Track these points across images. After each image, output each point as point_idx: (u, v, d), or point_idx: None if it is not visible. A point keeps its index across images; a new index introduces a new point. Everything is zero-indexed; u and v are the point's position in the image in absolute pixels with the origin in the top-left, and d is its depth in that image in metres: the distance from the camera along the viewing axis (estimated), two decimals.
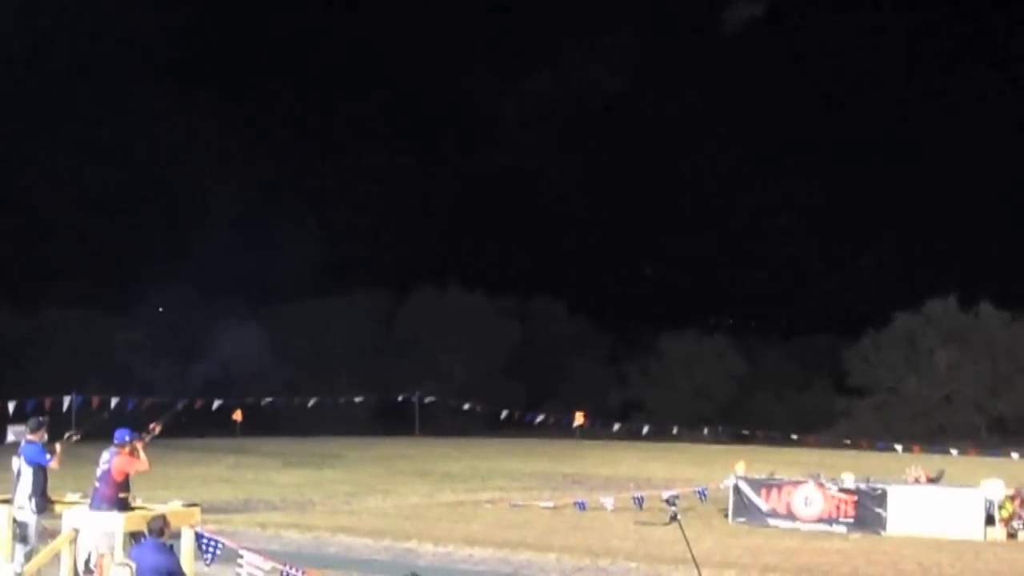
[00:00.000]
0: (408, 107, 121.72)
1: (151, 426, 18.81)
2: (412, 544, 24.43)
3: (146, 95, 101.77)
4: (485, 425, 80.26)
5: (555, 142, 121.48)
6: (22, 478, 18.56)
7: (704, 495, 30.58)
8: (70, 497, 19.46)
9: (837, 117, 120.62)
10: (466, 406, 76.14)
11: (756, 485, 28.89)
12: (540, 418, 75.89)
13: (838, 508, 27.44)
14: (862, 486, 27.54)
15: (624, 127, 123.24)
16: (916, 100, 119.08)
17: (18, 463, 18.71)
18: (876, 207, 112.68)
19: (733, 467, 30.00)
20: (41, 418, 19.77)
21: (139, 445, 18.04)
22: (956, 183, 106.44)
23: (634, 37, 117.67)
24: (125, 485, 17.85)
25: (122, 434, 18.18)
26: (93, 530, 17.61)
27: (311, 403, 75.59)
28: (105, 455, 17.92)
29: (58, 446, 18.90)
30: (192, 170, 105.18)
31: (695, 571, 15.49)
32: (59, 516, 19.24)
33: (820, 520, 27.63)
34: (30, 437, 18.93)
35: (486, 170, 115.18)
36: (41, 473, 18.58)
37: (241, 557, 16.81)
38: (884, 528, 26.53)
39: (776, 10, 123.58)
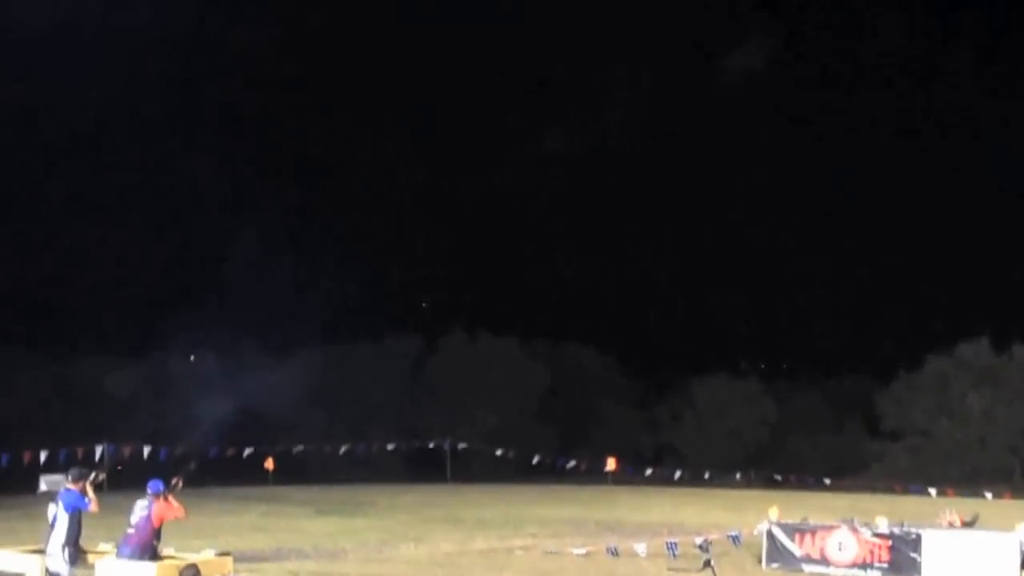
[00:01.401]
0: (439, 156, 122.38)
1: (174, 481, 18.90)
2: None
3: (174, 146, 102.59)
4: (517, 471, 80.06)
5: (580, 189, 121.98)
6: (57, 526, 18.64)
7: (738, 540, 30.40)
8: (102, 547, 19.53)
9: (867, 158, 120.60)
10: (498, 452, 75.99)
11: (790, 530, 28.71)
12: (572, 463, 75.76)
13: (872, 553, 27.21)
14: (896, 531, 27.33)
15: (648, 171, 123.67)
16: (948, 141, 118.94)
17: (54, 510, 18.80)
18: (907, 249, 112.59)
19: (766, 512, 29.80)
20: (83, 468, 19.92)
21: (170, 497, 18.17)
22: (988, 224, 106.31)
23: (648, 75, 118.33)
24: (158, 534, 17.94)
25: (157, 485, 18.31)
26: None
27: (342, 450, 75.58)
28: (142, 503, 18.00)
29: (89, 489, 19.00)
30: (220, 217, 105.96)
31: None
32: (92, 566, 19.28)
33: (855, 566, 27.42)
34: (70, 486, 19.04)
35: (517, 216, 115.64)
36: (77, 521, 18.67)
37: None
38: (919, 573, 26.30)
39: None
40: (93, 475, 20.09)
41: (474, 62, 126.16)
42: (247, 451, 67.42)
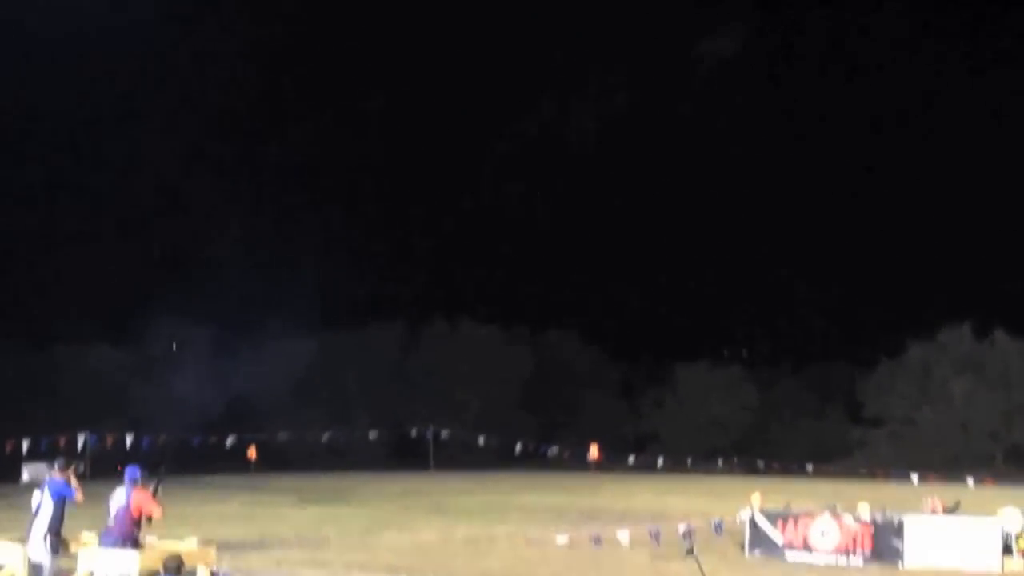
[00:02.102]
0: (419, 146, 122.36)
1: (152, 486, 18.81)
2: None
3: (154, 136, 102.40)
4: (499, 459, 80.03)
5: (564, 176, 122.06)
6: (41, 513, 18.61)
7: (720, 528, 30.41)
8: (85, 536, 19.48)
9: (853, 144, 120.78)
10: (481, 440, 75.99)
11: (772, 517, 28.73)
12: (554, 451, 75.79)
13: (855, 540, 27.24)
14: (878, 517, 27.37)
15: (630, 158, 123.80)
16: (931, 127, 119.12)
17: (39, 498, 18.78)
18: (889, 236, 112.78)
19: (748, 499, 29.82)
20: (68, 458, 19.95)
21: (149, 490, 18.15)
22: (970, 211, 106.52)
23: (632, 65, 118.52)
24: (139, 523, 17.90)
25: (133, 471, 18.30)
26: (109, 570, 17.61)
27: (325, 438, 75.56)
28: (120, 492, 17.96)
29: (73, 479, 18.99)
30: (203, 207, 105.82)
31: None
32: (73, 556, 19.23)
33: (837, 552, 27.44)
34: (56, 475, 19.04)
35: (498, 203, 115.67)
36: (61, 509, 18.66)
37: None
38: (901, 560, 26.34)
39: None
40: (74, 465, 20.10)
41: (452, 54, 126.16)
42: (230, 440, 67.31)
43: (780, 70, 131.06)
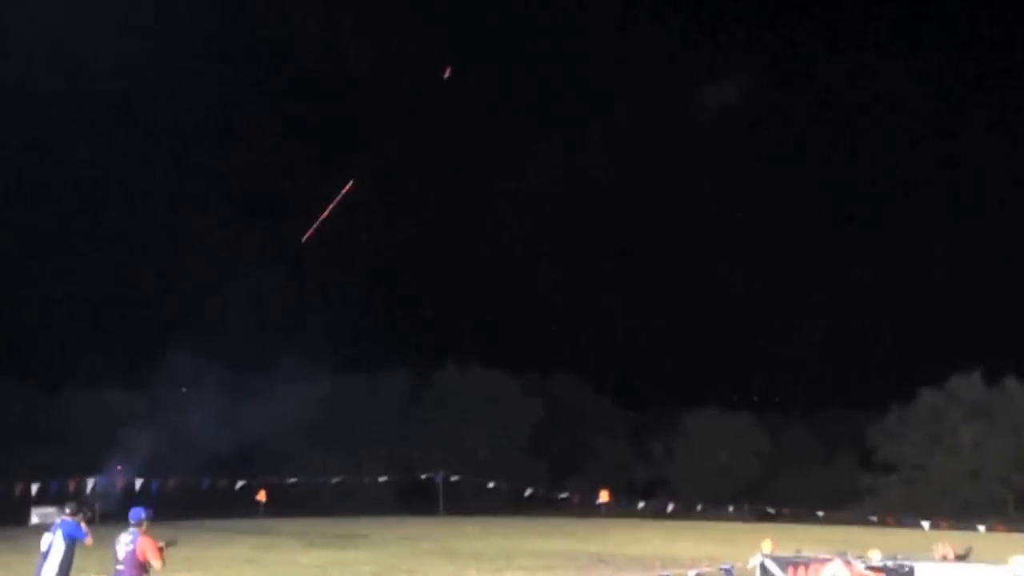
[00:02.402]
0: (429, 190, 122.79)
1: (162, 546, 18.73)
2: None
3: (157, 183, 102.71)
4: (509, 503, 79.94)
5: (572, 223, 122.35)
6: (52, 555, 18.66)
7: (731, 573, 30.34)
8: None
9: (865, 189, 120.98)
10: (490, 484, 75.87)
11: (783, 563, 28.65)
12: (564, 496, 75.72)
13: None
14: (889, 564, 27.28)
15: (639, 206, 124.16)
16: (938, 171, 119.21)
17: (50, 540, 18.83)
18: (899, 282, 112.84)
19: (759, 545, 29.76)
20: (80, 504, 20.02)
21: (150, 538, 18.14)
22: (979, 257, 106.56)
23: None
24: (147, 565, 17.91)
25: (137, 513, 18.32)
26: None
27: (335, 482, 75.48)
28: (126, 536, 17.98)
29: (83, 524, 19.04)
30: (214, 250, 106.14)
31: None
32: None
33: None
34: (67, 517, 19.09)
35: (508, 250, 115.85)
36: (71, 551, 18.69)
37: None
38: None
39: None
40: (84, 511, 20.17)
41: (460, 98, 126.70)
42: (240, 483, 67.31)
43: (785, 115, 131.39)
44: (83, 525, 18.98)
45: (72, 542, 18.69)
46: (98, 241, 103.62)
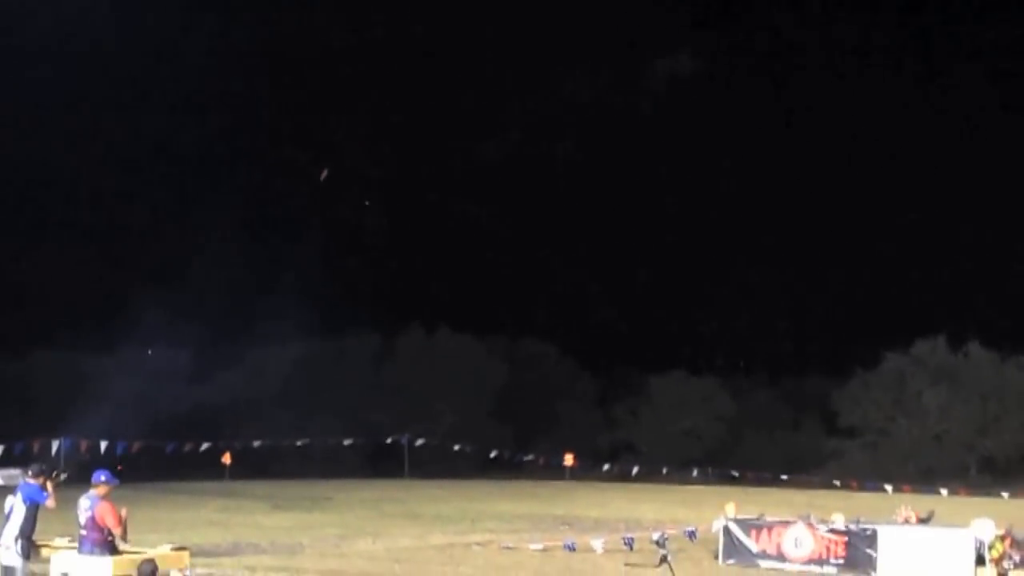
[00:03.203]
0: (394, 155, 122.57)
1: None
2: None
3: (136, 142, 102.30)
4: (474, 466, 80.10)
5: (536, 187, 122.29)
6: (13, 517, 18.54)
7: (694, 536, 30.47)
8: (58, 541, 19.42)
9: (826, 157, 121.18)
10: (456, 448, 75.97)
11: (746, 526, 28.78)
12: (530, 459, 75.89)
13: (828, 549, 27.30)
14: (852, 527, 27.43)
15: (604, 169, 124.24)
16: (906, 139, 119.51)
17: (12, 501, 18.70)
18: (864, 247, 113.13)
19: (723, 508, 29.87)
20: (43, 465, 19.85)
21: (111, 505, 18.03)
22: (944, 222, 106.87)
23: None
24: (109, 531, 17.82)
25: (97, 474, 18.22)
26: (82, 575, 17.58)
27: (300, 445, 75.47)
28: (85, 502, 17.90)
29: (49, 485, 18.91)
30: (179, 212, 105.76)
31: None
32: (47, 561, 19.18)
33: (810, 561, 27.50)
34: (30, 479, 18.97)
35: (474, 213, 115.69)
36: (33, 514, 18.57)
37: None
38: (874, 569, 26.41)
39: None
40: (55, 473, 20.05)
41: (429, 64, 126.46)
42: (204, 446, 67.23)
43: (745, 84, 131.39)
44: (49, 487, 18.87)
45: (33, 505, 18.58)
46: (64, 203, 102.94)
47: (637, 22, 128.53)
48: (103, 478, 18.13)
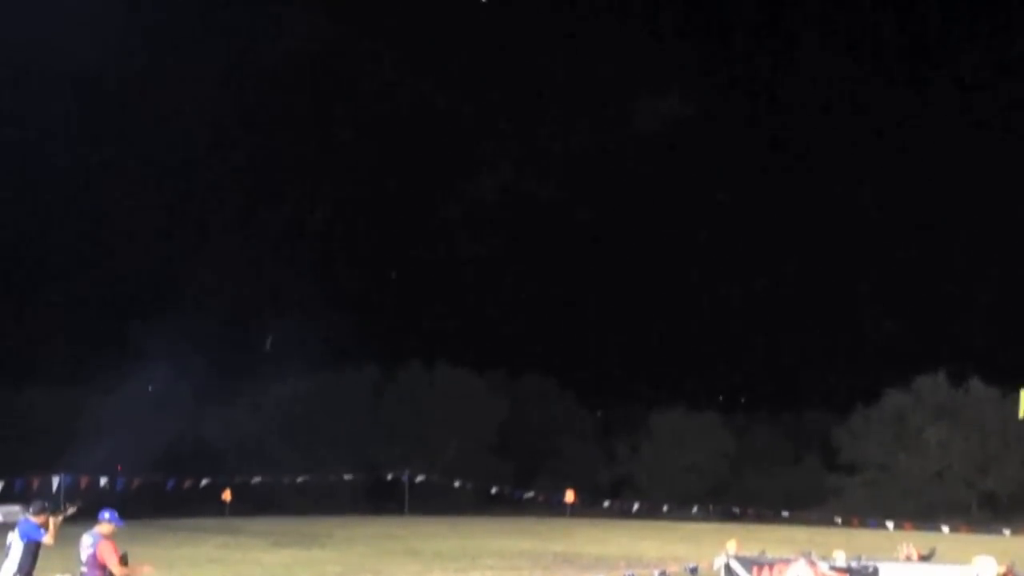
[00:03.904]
0: (397, 190, 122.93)
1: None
2: None
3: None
4: (475, 502, 79.98)
5: (539, 223, 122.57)
6: (11, 554, 18.50)
7: (696, 573, 30.38)
8: None
9: (825, 194, 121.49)
10: (456, 483, 75.85)
11: (747, 563, 28.67)
12: (530, 495, 75.75)
13: None
14: (854, 564, 27.32)
15: (606, 205, 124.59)
16: (904, 172, 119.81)
17: (11, 538, 18.67)
18: (865, 284, 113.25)
19: (724, 545, 29.77)
20: (46, 503, 19.76)
21: (112, 544, 17.99)
22: (944, 260, 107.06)
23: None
24: (109, 570, 17.79)
25: (101, 514, 18.19)
26: None
27: (300, 481, 75.34)
28: (88, 539, 17.86)
29: (51, 521, 18.86)
30: (180, 249, 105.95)
31: None
32: None
33: None
34: (31, 517, 18.91)
35: (475, 249, 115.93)
36: (32, 551, 18.52)
37: None
38: None
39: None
40: (64, 506, 20.00)
41: (424, 106, 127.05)
42: (204, 482, 67.10)
43: (740, 123, 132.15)
44: (51, 523, 18.81)
45: (31, 543, 18.53)
46: (64, 240, 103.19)
47: (626, 65, 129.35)
48: (108, 517, 18.12)
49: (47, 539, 18.60)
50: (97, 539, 17.78)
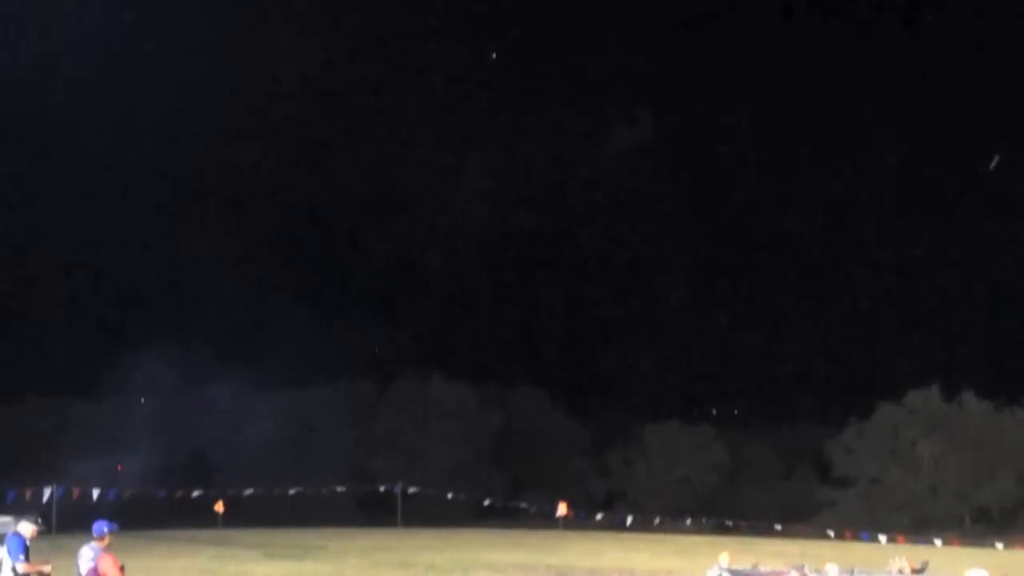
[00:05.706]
0: (389, 199, 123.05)
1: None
2: None
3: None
4: (468, 514, 79.92)
5: (528, 233, 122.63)
6: (3, 568, 18.50)
7: None
8: None
9: (818, 203, 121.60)
10: (449, 495, 75.80)
11: None
12: (523, 507, 75.71)
13: None
14: None
15: (597, 220, 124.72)
16: (897, 184, 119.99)
17: (2, 552, 18.67)
18: (856, 297, 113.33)
19: (717, 558, 29.87)
20: (39, 519, 19.71)
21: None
22: (936, 272, 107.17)
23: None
24: None
25: (100, 526, 18.16)
26: None
27: (293, 493, 75.27)
28: (87, 552, 17.85)
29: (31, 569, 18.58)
30: (175, 263, 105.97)
31: None
32: None
33: None
34: (23, 532, 18.82)
35: (467, 259, 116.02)
36: (12, 568, 18.49)
37: None
38: None
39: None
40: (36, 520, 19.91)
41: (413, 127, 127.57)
42: (196, 493, 67.05)
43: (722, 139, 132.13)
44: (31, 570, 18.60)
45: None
46: (58, 251, 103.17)
47: (594, 91, 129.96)
48: (105, 529, 18.11)
49: (21, 568, 18.38)
50: (98, 552, 17.79)
